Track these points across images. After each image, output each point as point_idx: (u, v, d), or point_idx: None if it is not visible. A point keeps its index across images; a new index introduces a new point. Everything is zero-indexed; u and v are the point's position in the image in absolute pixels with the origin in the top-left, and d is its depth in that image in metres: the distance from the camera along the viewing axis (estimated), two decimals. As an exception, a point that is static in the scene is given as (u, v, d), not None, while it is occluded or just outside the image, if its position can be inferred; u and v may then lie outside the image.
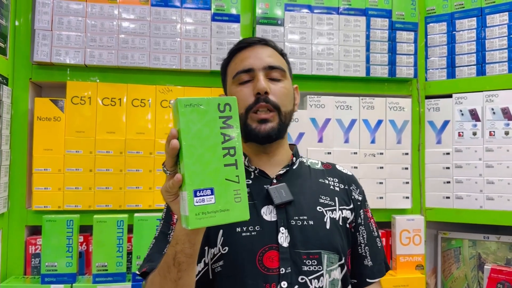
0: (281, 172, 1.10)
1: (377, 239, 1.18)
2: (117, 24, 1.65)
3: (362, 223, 1.15)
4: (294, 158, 1.15)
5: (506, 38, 1.84)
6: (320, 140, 1.82)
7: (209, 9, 1.72)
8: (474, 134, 1.87)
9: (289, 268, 0.98)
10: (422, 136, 1.96)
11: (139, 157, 1.64)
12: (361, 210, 1.15)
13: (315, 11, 1.83)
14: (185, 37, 1.69)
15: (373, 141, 1.88)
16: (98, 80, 1.66)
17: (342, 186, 1.15)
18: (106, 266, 1.49)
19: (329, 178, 1.15)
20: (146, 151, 1.65)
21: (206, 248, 1.02)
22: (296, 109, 1.15)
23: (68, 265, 1.48)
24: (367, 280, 1.13)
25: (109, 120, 1.64)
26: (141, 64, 1.65)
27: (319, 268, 1.00)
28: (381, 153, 1.88)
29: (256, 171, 1.10)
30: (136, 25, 1.66)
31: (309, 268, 1.00)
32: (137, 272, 1.05)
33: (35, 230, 1.67)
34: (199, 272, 1.02)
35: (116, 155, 1.63)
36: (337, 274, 1.04)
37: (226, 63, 1.15)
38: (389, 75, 1.90)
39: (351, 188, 1.16)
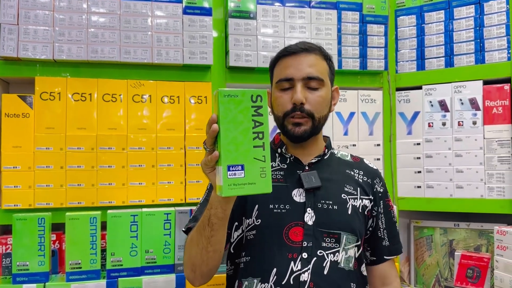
0: (313, 160, 1.26)
1: (396, 224, 1.35)
2: (86, 18, 1.61)
3: (382, 212, 1.30)
4: (326, 150, 1.29)
5: (472, 30, 1.89)
6: (294, 133, 1.84)
7: (181, 2, 1.70)
8: (444, 124, 1.92)
9: (311, 242, 1.15)
10: (393, 128, 2.00)
11: (111, 153, 1.62)
12: (382, 201, 1.31)
13: (287, 4, 1.84)
14: (156, 30, 1.67)
15: (346, 133, 1.91)
16: (68, 75, 1.63)
17: (366, 179, 1.29)
18: (79, 263, 1.46)
19: (355, 170, 1.30)
20: (119, 146, 1.63)
21: (244, 218, 1.21)
22: (333, 108, 1.29)
23: (40, 264, 1.45)
24: (385, 257, 1.31)
25: (79, 116, 1.61)
26: (112, 58, 1.63)
27: (337, 245, 1.17)
28: (354, 145, 1.91)
29: (291, 158, 1.26)
30: (106, 19, 1.63)
31: (328, 244, 1.16)
32: (183, 229, 1.26)
33: (5, 230, 1.63)
34: (237, 236, 1.22)
35: (87, 151, 1.60)
36: (352, 252, 1.20)
37: (272, 64, 1.28)
38: (361, 68, 1.92)
39: (374, 181, 1.31)
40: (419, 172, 1.95)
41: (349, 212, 1.21)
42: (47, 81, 1.60)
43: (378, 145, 1.94)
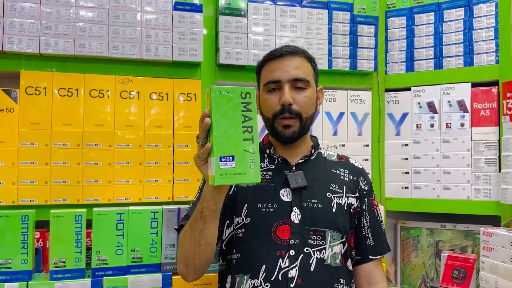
0: (300, 161, 1.29)
1: (381, 223, 1.36)
2: (73, 12, 1.58)
3: (366, 209, 1.32)
4: (313, 150, 1.33)
5: (461, 32, 1.90)
6: (283, 132, 1.83)
7: (171, -2, 1.68)
8: (432, 126, 1.93)
9: (297, 240, 1.19)
10: (382, 128, 2.00)
11: (97, 150, 1.59)
12: (366, 198, 1.33)
13: (278, 3, 1.83)
14: (145, 26, 1.65)
15: (335, 133, 1.91)
16: (54, 70, 1.60)
17: (351, 177, 1.33)
18: (64, 262, 1.43)
19: (341, 169, 1.33)
20: (105, 143, 1.60)
21: (234, 216, 1.25)
22: (318, 108, 1.33)
23: (23, 262, 1.42)
24: (369, 257, 1.32)
25: (65, 112, 1.58)
26: (99, 53, 1.60)
27: (323, 242, 1.20)
28: (343, 145, 1.91)
29: (279, 159, 1.30)
30: (94, 13, 1.60)
31: (314, 242, 1.20)
32: (175, 227, 1.32)
33: (-13, 227, 1.59)
34: (229, 234, 1.26)
35: (73, 147, 1.57)
36: (338, 249, 1.23)
37: (260, 67, 1.32)
38: (351, 68, 1.92)
39: (359, 179, 1.34)
40: (407, 173, 1.96)
41: (334, 210, 1.25)
42: (32, 75, 1.57)
43: (367, 145, 1.94)
